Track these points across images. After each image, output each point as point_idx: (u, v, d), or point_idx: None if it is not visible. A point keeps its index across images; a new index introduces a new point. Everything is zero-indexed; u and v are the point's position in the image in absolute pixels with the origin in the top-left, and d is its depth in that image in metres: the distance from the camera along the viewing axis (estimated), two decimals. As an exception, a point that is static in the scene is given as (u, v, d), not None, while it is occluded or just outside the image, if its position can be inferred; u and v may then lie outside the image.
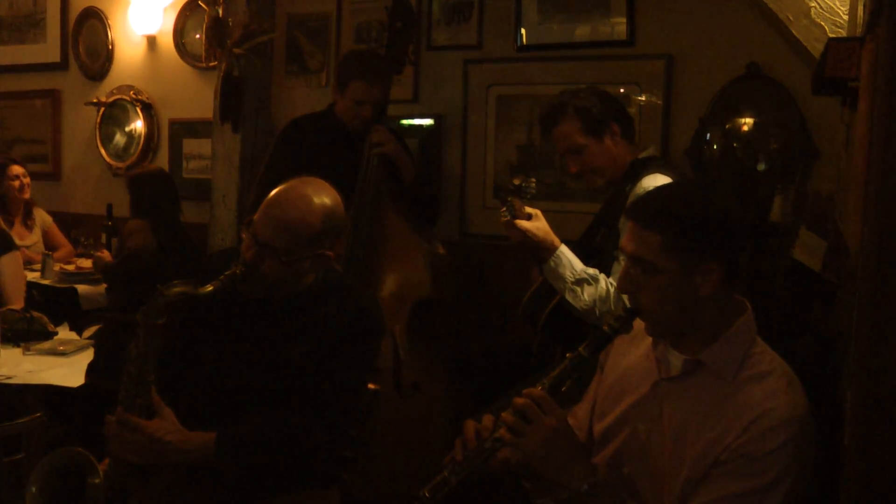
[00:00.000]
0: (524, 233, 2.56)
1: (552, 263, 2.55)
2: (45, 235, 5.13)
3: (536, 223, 2.57)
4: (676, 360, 1.71)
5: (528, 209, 2.60)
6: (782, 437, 1.55)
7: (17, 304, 3.79)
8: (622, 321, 1.72)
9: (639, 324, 1.76)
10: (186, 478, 2.14)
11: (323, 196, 2.07)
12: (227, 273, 2.03)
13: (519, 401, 1.69)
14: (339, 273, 2.24)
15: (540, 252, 2.58)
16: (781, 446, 1.55)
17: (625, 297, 1.74)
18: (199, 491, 2.14)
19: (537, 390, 1.70)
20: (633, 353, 1.84)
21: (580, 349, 1.72)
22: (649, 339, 1.79)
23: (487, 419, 1.74)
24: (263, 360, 2.12)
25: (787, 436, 1.55)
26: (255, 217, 2.06)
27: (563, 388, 1.72)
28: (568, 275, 2.52)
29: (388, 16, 3.52)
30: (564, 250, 2.55)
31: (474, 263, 4.02)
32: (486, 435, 1.71)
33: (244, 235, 2.08)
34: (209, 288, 2.00)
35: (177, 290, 2.00)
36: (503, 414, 1.70)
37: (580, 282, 2.50)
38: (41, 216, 5.14)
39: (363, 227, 3.37)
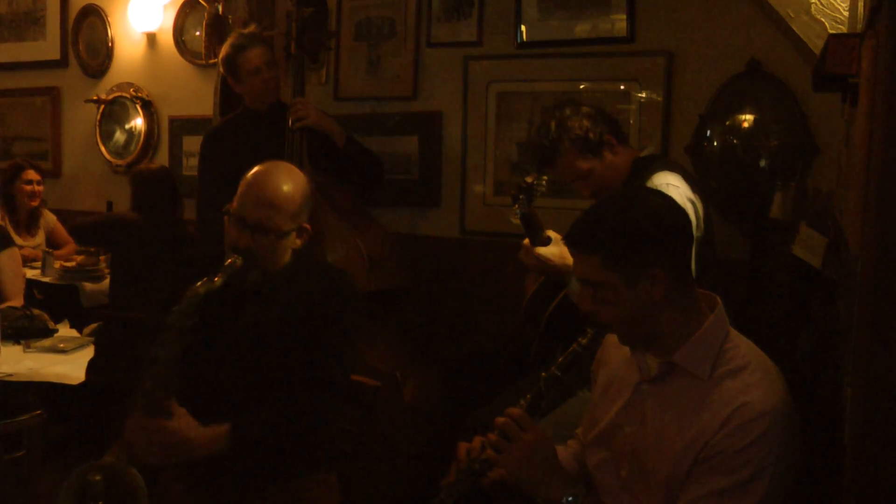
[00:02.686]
0: (541, 259, 2.59)
1: (573, 287, 2.57)
2: (51, 235, 5.13)
3: (552, 249, 2.59)
4: (654, 362, 1.74)
5: (549, 232, 2.62)
6: (758, 429, 1.57)
7: (17, 300, 3.80)
8: (591, 338, 1.78)
9: None
10: (191, 469, 2.17)
11: (294, 174, 2.22)
12: (226, 264, 2.08)
13: (500, 420, 1.76)
14: (307, 255, 2.33)
15: (558, 276, 2.62)
16: (758, 439, 1.56)
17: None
18: (201, 481, 2.17)
19: (516, 410, 1.77)
20: (618, 358, 1.87)
21: (553, 369, 1.79)
22: None
23: (477, 441, 1.81)
24: (252, 346, 2.16)
25: (763, 428, 1.57)
26: (235, 205, 2.13)
27: (540, 407, 1.80)
28: None
29: (294, 3, 3.56)
30: None
31: (475, 261, 4.02)
32: (475, 455, 1.78)
33: (228, 227, 2.15)
34: (218, 280, 2.05)
35: (203, 288, 2.02)
36: (488, 434, 1.77)
37: None
38: (46, 218, 5.15)
39: None
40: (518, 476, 1.72)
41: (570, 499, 1.70)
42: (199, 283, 2.03)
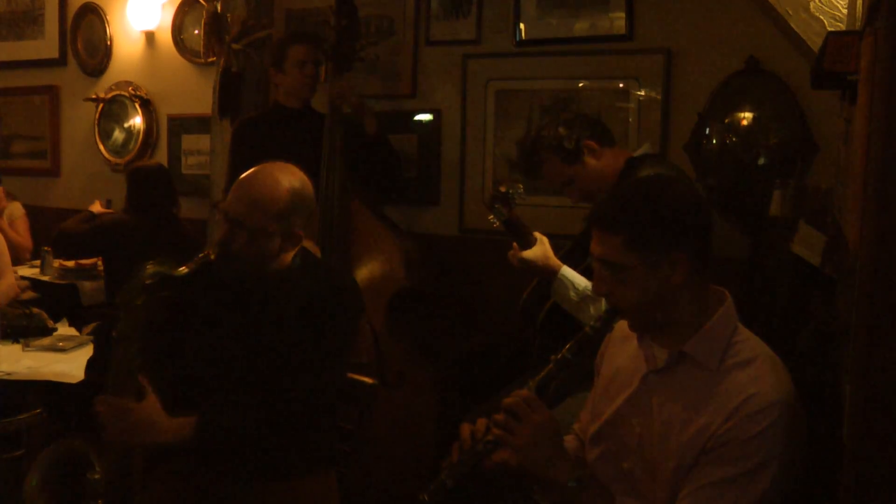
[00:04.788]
0: (524, 262, 2.62)
1: (556, 287, 2.60)
2: (11, 223, 5.04)
3: (536, 252, 2.61)
4: (661, 353, 1.74)
5: (536, 234, 2.64)
6: (767, 420, 1.57)
7: (8, 276, 3.77)
8: (602, 322, 1.79)
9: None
10: (187, 468, 2.18)
11: (290, 175, 2.18)
12: (200, 255, 2.11)
13: (508, 401, 1.75)
14: (316, 257, 2.32)
15: (543, 277, 2.64)
16: (766, 429, 1.57)
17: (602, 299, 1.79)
18: (200, 480, 2.16)
19: (524, 391, 1.77)
20: (624, 351, 1.87)
21: (564, 352, 1.79)
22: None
23: (481, 422, 1.80)
24: (244, 343, 2.17)
25: (772, 418, 1.57)
26: (227, 197, 2.16)
27: (549, 389, 1.79)
28: (572, 295, 2.56)
29: (333, 15, 3.65)
30: (565, 272, 2.59)
31: (473, 259, 4.02)
32: (480, 436, 1.77)
33: (218, 217, 2.16)
34: (184, 269, 2.07)
35: (153, 269, 2.06)
36: (494, 415, 1.76)
37: (585, 299, 2.53)
38: (11, 209, 5.09)
39: (331, 205, 3.47)
40: (524, 457, 1.71)
41: (574, 484, 1.70)
42: (150, 263, 2.07)
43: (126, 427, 2.02)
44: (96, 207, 4.50)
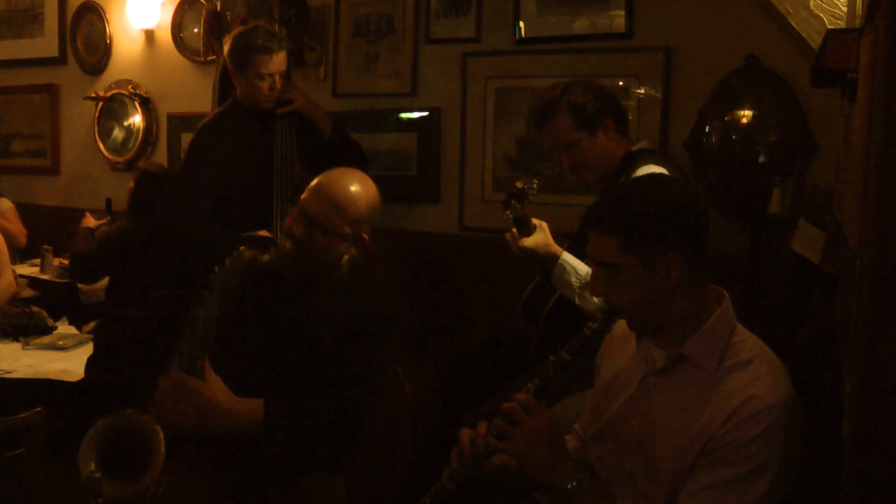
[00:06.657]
0: (525, 250, 2.62)
1: (557, 273, 2.58)
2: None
3: (537, 238, 2.61)
4: (659, 355, 1.75)
5: (535, 220, 2.63)
6: (765, 422, 1.58)
7: (7, 275, 3.77)
8: (601, 323, 1.79)
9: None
10: (198, 464, 2.19)
11: (366, 183, 2.28)
12: (278, 246, 2.17)
13: (506, 405, 1.76)
14: (367, 267, 2.39)
15: (544, 264, 2.62)
16: (765, 431, 1.57)
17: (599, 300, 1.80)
18: (209, 475, 2.17)
19: (523, 395, 1.77)
20: (624, 351, 1.87)
21: (562, 353, 1.79)
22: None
23: (481, 426, 1.80)
24: (294, 339, 2.20)
25: (770, 421, 1.58)
26: (304, 196, 2.23)
27: (548, 391, 1.80)
28: (574, 281, 2.55)
29: (278, 8, 3.53)
30: (567, 257, 2.58)
31: (473, 257, 4.02)
32: (480, 441, 1.78)
33: (291, 214, 2.24)
34: (267, 257, 2.13)
35: (249, 254, 2.11)
36: (494, 420, 1.77)
37: (586, 286, 2.52)
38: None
39: (285, 207, 3.39)
40: (523, 461, 1.72)
41: (575, 484, 1.70)
42: (243, 248, 2.11)
43: (194, 410, 1.99)
44: (89, 222, 4.45)
